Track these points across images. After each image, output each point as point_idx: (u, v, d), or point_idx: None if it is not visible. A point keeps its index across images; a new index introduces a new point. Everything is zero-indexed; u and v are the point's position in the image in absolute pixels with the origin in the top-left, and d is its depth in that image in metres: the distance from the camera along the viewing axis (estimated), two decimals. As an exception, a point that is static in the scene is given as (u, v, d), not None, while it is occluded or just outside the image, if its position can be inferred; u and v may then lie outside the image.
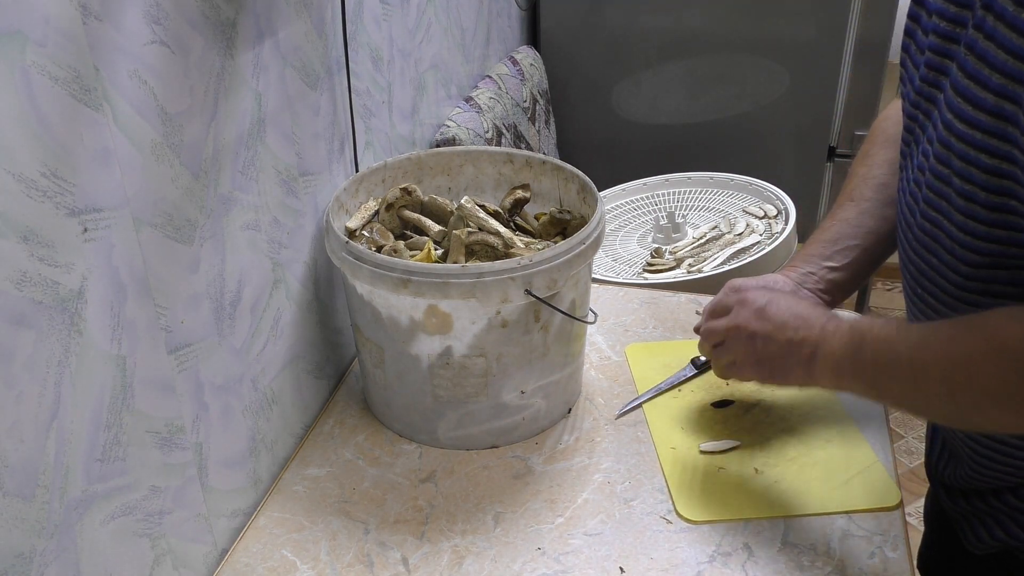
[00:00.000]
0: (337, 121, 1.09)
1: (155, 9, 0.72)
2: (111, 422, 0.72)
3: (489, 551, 0.90)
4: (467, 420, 1.01)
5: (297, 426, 1.06)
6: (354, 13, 1.11)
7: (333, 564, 0.89)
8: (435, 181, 1.19)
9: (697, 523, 0.92)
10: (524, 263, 0.91)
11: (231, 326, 0.89)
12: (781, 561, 0.87)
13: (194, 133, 0.79)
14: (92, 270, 0.68)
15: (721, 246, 1.48)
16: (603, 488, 0.97)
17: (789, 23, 1.86)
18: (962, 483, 0.87)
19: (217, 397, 0.88)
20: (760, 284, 0.94)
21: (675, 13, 1.92)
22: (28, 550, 0.64)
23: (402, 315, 0.95)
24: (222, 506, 0.91)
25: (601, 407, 1.09)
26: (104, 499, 0.72)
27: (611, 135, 2.08)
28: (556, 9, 1.99)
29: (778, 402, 1.08)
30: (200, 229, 0.82)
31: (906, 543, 0.88)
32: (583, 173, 1.11)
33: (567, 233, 1.12)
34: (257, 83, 0.89)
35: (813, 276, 0.96)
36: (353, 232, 1.07)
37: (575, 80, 2.05)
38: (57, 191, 0.63)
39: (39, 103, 0.61)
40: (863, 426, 1.03)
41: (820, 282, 0.96)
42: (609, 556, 0.89)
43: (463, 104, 1.57)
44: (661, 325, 1.24)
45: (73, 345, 0.67)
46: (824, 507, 0.93)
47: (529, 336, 0.97)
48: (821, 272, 0.96)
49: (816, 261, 0.96)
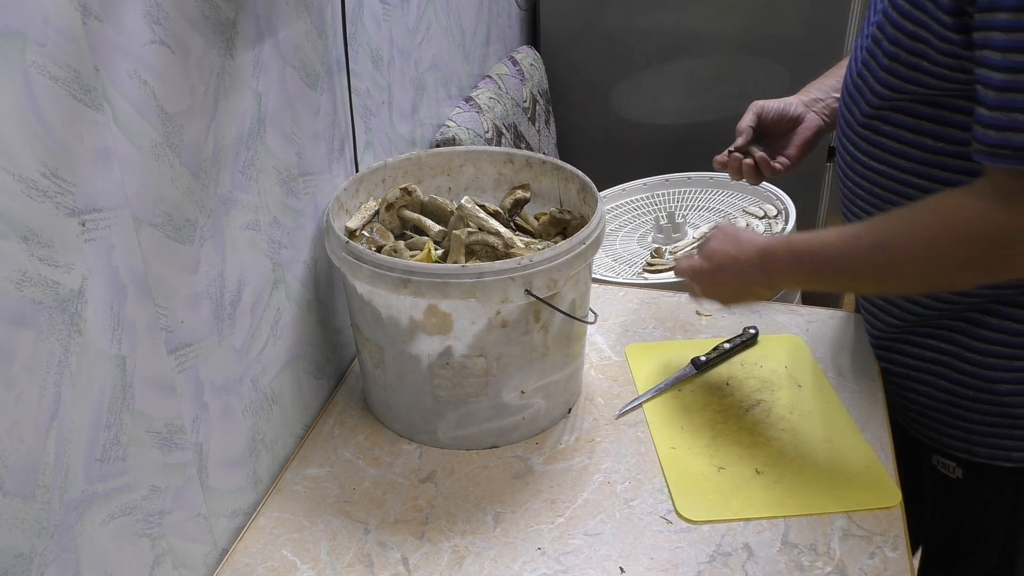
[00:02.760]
0: (337, 121, 1.09)
1: (155, 9, 0.72)
2: (111, 422, 0.72)
3: (489, 551, 0.90)
4: (467, 420, 1.01)
5: (297, 426, 1.06)
6: (354, 13, 1.11)
7: (333, 564, 0.89)
8: (435, 181, 1.19)
9: (697, 523, 0.92)
10: (524, 263, 0.91)
11: (231, 326, 0.89)
12: (781, 561, 0.87)
13: (194, 133, 0.79)
14: (92, 270, 0.68)
15: (721, 246, 1.48)
16: (603, 488, 0.97)
17: (789, 23, 1.86)
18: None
19: (217, 397, 0.88)
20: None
21: (675, 13, 1.92)
22: (28, 550, 0.64)
23: (402, 315, 0.95)
24: (222, 506, 0.91)
25: (601, 407, 1.09)
26: (104, 499, 0.72)
27: (611, 135, 2.08)
28: (556, 9, 1.99)
29: (778, 402, 1.08)
30: (200, 229, 0.82)
31: (906, 543, 0.88)
32: (583, 173, 1.11)
33: (567, 233, 1.12)
34: (257, 83, 0.89)
35: (821, 102, 1.16)
36: (353, 232, 1.07)
37: (575, 80, 2.05)
38: (57, 191, 0.63)
39: (39, 103, 0.61)
40: (863, 426, 1.03)
41: (825, 108, 1.15)
42: (609, 556, 0.89)
43: (463, 104, 1.57)
44: (661, 325, 1.24)
45: (73, 345, 0.67)
46: (824, 507, 0.93)
47: (529, 336, 0.97)
48: (828, 100, 1.15)
49: (826, 90, 1.15)
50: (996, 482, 1.02)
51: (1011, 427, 0.98)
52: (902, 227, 0.84)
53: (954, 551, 1.10)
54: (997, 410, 0.98)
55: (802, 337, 1.19)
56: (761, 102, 1.18)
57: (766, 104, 1.17)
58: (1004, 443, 0.99)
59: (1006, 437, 0.99)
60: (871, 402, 1.07)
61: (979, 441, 1.01)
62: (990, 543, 1.08)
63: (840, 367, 1.14)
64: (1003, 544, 1.07)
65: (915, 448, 1.07)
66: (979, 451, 1.01)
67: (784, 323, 1.23)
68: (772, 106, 1.16)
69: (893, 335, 1.06)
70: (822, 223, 2.02)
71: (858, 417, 1.05)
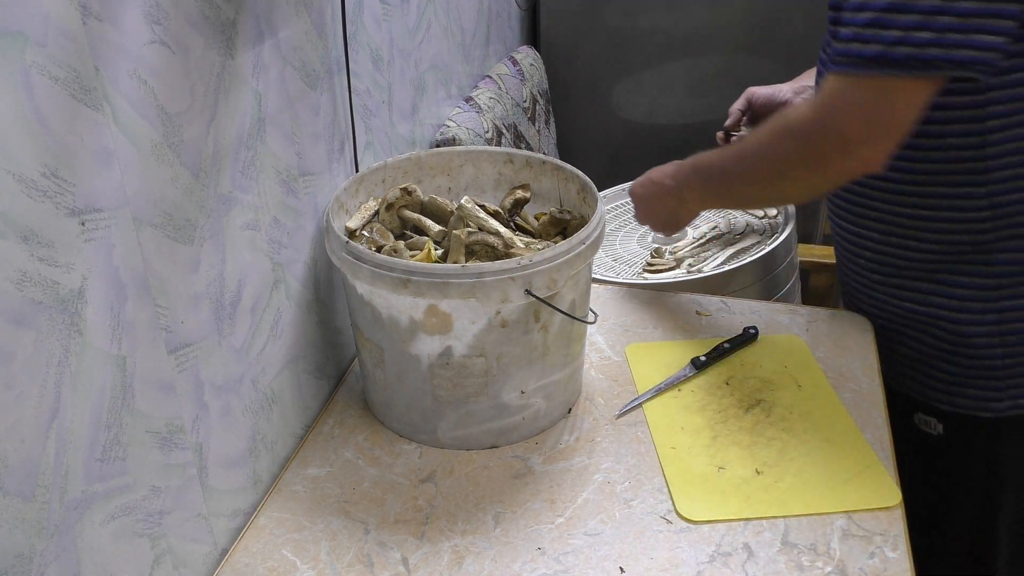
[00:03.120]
0: (337, 121, 1.09)
1: (155, 9, 0.72)
2: (111, 422, 0.72)
3: (489, 551, 0.90)
4: (467, 420, 1.01)
5: (297, 426, 1.06)
6: (354, 13, 1.11)
7: (333, 564, 0.89)
8: (435, 181, 1.19)
9: (697, 523, 0.92)
10: (524, 263, 0.91)
11: (231, 326, 0.89)
12: (781, 561, 0.87)
13: (194, 133, 0.79)
14: (92, 270, 0.68)
15: (721, 246, 1.48)
16: (603, 488, 0.97)
17: (789, 23, 1.86)
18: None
19: (217, 397, 0.88)
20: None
21: (675, 13, 1.92)
22: (28, 550, 0.64)
23: (402, 315, 0.95)
24: (222, 506, 0.91)
25: (601, 407, 1.09)
26: (104, 499, 0.72)
27: (611, 135, 2.08)
28: (556, 9, 1.99)
29: (778, 402, 1.08)
30: (200, 229, 0.82)
31: (906, 543, 0.88)
32: (583, 173, 1.11)
33: (567, 233, 1.12)
34: (257, 83, 0.89)
35: (809, 89, 1.24)
36: (353, 232, 1.07)
37: (575, 80, 2.05)
38: (57, 191, 0.63)
39: (39, 103, 0.61)
40: (863, 426, 1.03)
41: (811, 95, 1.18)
42: (609, 556, 0.89)
43: (463, 104, 1.57)
44: (661, 325, 1.24)
45: (73, 345, 0.67)
46: (824, 507, 0.93)
47: (529, 336, 0.97)
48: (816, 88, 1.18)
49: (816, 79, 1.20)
50: (974, 435, 1.09)
51: (988, 378, 1.05)
52: (756, 133, 1.00)
53: (933, 513, 1.13)
54: (974, 363, 1.05)
55: (802, 337, 1.19)
56: (754, 88, 1.31)
57: (758, 89, 1.31)
58: (982, 393, 1.06)
59: (984, 388, 1.06)
60: (871, 402, 1.07)
61: (959, 392, 1.08)
62: (968, 503, 1.13)
63: (840, 367, 1.14)
64: (981, 504, 1.12)
65: (896, 410, 1.10)
66: (960, 402, 1.08)
67: (784, 323, 1.23)
68: (762, 91, 1.30)
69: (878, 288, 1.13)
70: (822, 223, 2.02)
71: (858, 417, 1.05)
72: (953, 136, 0.95)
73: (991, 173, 0.94)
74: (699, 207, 1.16)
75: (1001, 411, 1.06)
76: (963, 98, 0.92)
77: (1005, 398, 1.05)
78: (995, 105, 0.91)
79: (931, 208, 1.00)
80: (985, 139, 0.93)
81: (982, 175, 0.95)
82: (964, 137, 0.94)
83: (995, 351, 1.04)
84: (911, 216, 1.03)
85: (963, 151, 0.95)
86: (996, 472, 1.10)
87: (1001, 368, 1.04)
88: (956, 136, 0.94)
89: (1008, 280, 1.00)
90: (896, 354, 1.14)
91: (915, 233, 1.03)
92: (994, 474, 1.10)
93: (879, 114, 0.86)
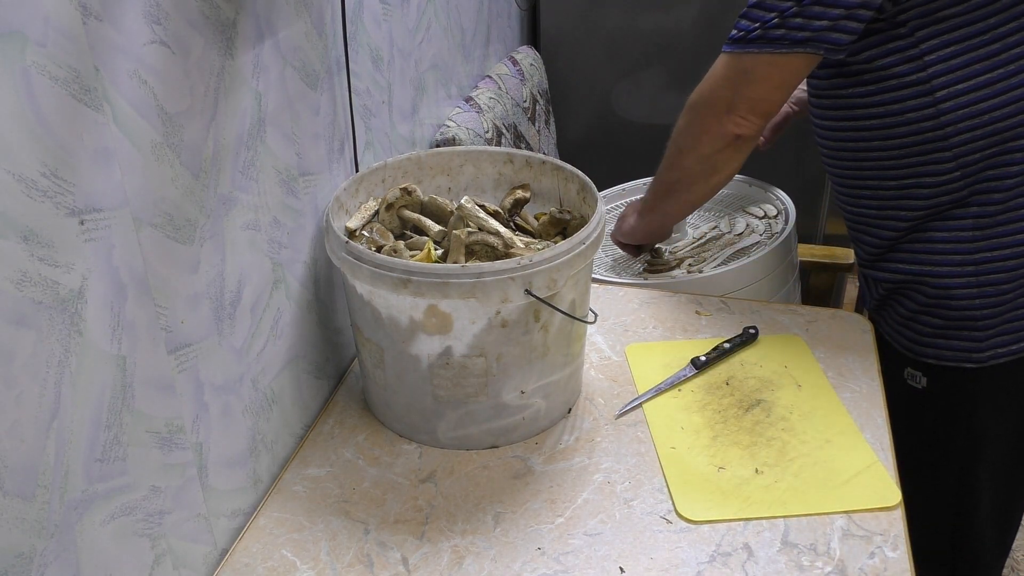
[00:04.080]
0: (337, 121, 1.09)
1: (155, 9, 0.72)
2: (111, 422, 0.72)
3: (489, 551, 0.90)
4: (467, 420, 1.01)
5: (297, 426, 1.06)
6: (354, 13, 1.11)
7: (333, 564, 0.89)
8: (435, 181, 1.19)
9: (697, 523, 0.92)
10: (524, 263, 0.91)
11: (231, 326, 0.89)
12: (781, 561, 0.87)
13: (194, 133, 0.79)
14: (92, 270, 0.68)
15: (721, 246, 1.48)
16: (603, 488, 0.97)
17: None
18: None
19: (217, 397, 0.88)
20: None
21: (675, 13, 1.92)
22: (28, 550, 0.64)
23: (402, 315, 0.95)
24: (222, 506, 0.91)
25: (601, 407, 1.09)
26: (104, 499, 0.72)
27: (611, 135, 2.08)
28: (556, 9, 1.98)
29: (778, 402, 1.08)
30: (200, 229, 0.82)
31: (906, 543, 0.88)
32: (583, 173, 1.11)
33: (567, 233, 1.12)
34: (257, 83, 0.89)
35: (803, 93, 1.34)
36: (353, 232, 1.07)
37: (575, 80, 2.05)
38: (57, 191, 0.63)
39: (39, 103, 0.61)
40: (863, 426, 1.04)
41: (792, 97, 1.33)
42: (609, 556, 0.89)
43: (463, 104, 1.57)
44: (661, 325, 1.24)
45: (73, 345, 0.67)
46: (824, 507, 0.93)
47: (529, 336, 0.97)
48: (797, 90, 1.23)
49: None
50: (956, 387, 1.15)
51: (971, 329, 1.10)
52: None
53: (917, 468, 1.15)
54: (958, 315, 1.11)
55: (802, 337, 1.19)
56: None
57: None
58: (965, 344, 1.12)
59: (967, 339, 1.11)
60: (871, 402, 1.07)
61: (945, 345, 1.13)
62: (950, 457, 1.18)
63: (840, 367, 1.14)
64: (963, 459, 1.17)
65: (888, 367, 1.18)
66: (946, 355, 1.14)
67: (784, 323, 1.23)
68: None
69: (878, 255, 1.19)
70: (823, 223, 2.02)
71: (858, 417, 1.05)
72: (911, 111, 1.04)
73: (951, 138, 1.03)
74: (650, 213, 1.30)
75: (983, 361, 1.11)
76: (910, 77, 1.02)
77: (986, 348, 1.11)
78: (938, 78, 1.01)
79: (911, 176, 1.09)
80: (939, 108, 1.02)
81: (943, 141, 1.04)
82: (920, 110, 1.03)
83: (974, 302, 1.09)
84: (897, 187, 1.11)
85: (923, 123, 1.04)
86: (976, 426, 1.15)
87: (980, 319, 1.10)
88: (913, 111, 1.04)
89: (982, 232, 1.07)
90: (898, 312, 1.19)
91: (903, 202, 1.11)
92: (974, 429, 1.16)
93: (742, 85, 1.06)
